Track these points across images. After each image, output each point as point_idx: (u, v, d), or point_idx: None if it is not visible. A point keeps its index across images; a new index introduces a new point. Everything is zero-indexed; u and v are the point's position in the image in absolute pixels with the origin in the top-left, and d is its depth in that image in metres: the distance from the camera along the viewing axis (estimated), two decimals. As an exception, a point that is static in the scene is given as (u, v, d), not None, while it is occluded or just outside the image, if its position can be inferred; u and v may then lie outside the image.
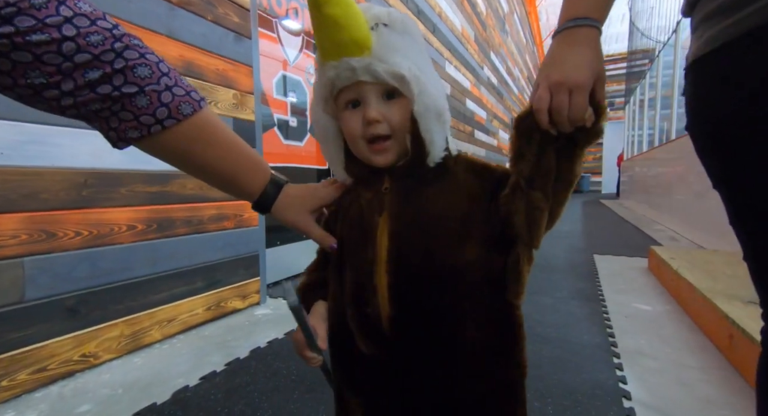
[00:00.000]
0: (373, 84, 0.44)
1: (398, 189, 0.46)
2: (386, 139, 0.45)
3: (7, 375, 0.94)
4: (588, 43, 0.43)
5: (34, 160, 0.99)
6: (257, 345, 1.29)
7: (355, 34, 0.42)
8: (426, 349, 0.44)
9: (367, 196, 0.48)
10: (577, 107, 0.40)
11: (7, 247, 0.94)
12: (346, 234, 0.49)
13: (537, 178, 0.42)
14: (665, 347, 1.28)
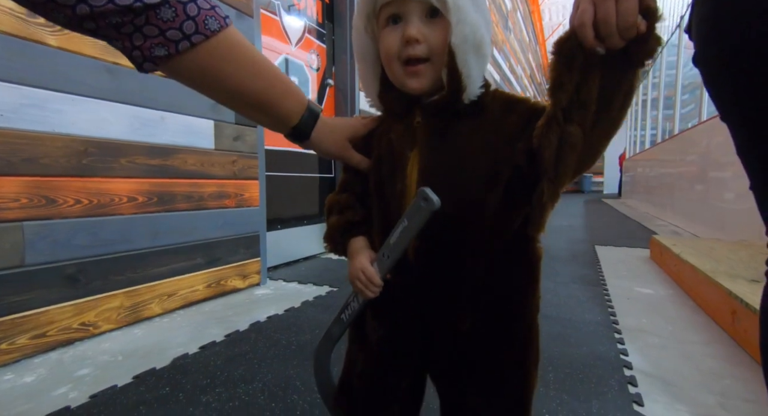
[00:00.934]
0: (417, 1, 0.42)
1: (430, 124, 0.46)
2: (423, 62, 0.44)
3: (7, 339, 0.94)
4: None
5: (35, 124, 0.98)
6: (257, 319, 1.28)
7: None
8: (446, 277, 0.45)
9: (398, 129, 0.48)
10: (627, 13, 0.35)
11: (8, 210, 0.94)
12: (377, 168, 0.49)
13: (575, 109, 0.39)
14: (668, 325, 1.28)
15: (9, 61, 0.93)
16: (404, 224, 0.44)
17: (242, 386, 0.86)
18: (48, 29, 0.99)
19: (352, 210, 0.52)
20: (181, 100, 1.34)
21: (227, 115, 1.54)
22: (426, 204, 0.41)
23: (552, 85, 0.40)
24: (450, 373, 0.49)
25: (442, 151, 0.45)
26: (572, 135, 0.39)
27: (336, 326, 0.55)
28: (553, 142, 0.39)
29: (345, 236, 0.51)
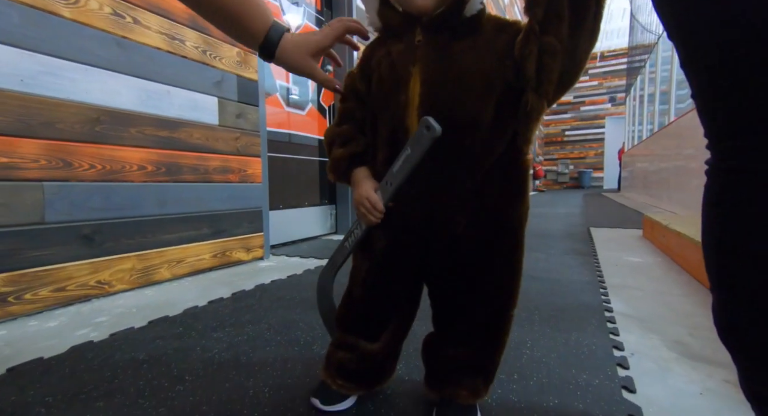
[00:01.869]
0: None
1: (431, 41, 0.48)
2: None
3: (31, 289, 1.01)
4: None
5: (51, 90, 1.05)
6: (262, 282, 1.35)
7: None
8: (444, 187, 0.50)
9: (398, 47, 0.50)
10: None
11: (29, 170, 1.01)
12: (379, 86, 0.52)
13: (549, 21, 0.42)
14: (651, 283, 1.34)
15: (27, 29, 0.99)
16: (407, 152, 0.47)
17: (249, 326, 0.93)
18: (62, 2, 1.06)
19: (354, 141, 0.54)
20: (185, 75, 1.41)
21: (230, 92, 1.60)
22: (428, 132, 0.44)
23: (527, 1, 0.44)
24: (445, 274, 0.55)
25: (442, 67, 0.48)
26: (550, 44, 0.43)
27: (339, 253, 0.59)
28: (533, 52, 0.43)
29: (350, 167, 0.54)
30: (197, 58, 1.45)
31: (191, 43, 1.42)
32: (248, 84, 1.69)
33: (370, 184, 0.52)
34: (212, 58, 1.51)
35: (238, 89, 1.64)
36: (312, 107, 2.39)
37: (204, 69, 1.48)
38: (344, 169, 0.54)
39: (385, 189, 0.50)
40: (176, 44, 1.37)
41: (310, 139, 2.39)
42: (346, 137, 0.55)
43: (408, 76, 0.48)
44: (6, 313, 0.97)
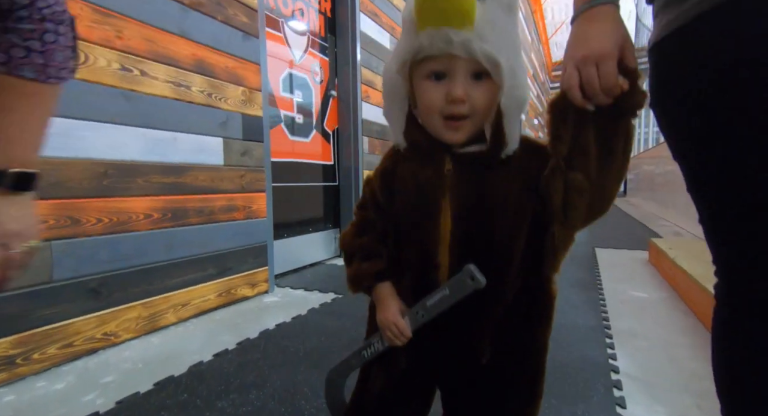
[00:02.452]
0: (465, 60, 0.42)
1: (461, 172, 0.46)
2: (464, 118, 0.44)
3: (39, 349, 1.03)
4: (606, 17, 0.43)
5: (61, 151, 1.07)
6: (266, 327, 1.36)
7: (463, 5, 0.40)
8: (472, 316, 0.48)
9: (426, 173, 0.48)
10: (607, 76, 0.40)
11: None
12: (405, 210, 0.50)
13: (575, 157, 0.42)
14: (657, 329, 1.33)
15: (37, 94, 1.01)
16: (445, 292, 0.46)
17: (254, 392, 0.93)
18: (71, 63, 1.08)
19: (378, 256, 0.52)
20: (191, 120, 1.42)
21: (235, 131, 1.62)
22: (473, 282, 0.44)
23: (551, 138, 0.44)
24: (463, 391, 0.53)
25: (474, 202, 0.46)
26: (576, 180, 0.42)
27: (355, 358, 0.58)
28: (559, 188, 0.43)
29: (373, 283, 0.52)
30: (203, 101, 1.46)
31: (197, 88, 1.44)
32: (253, 121, 1.71)
33: (396, 305, 0.50)
34: (217, 100, 1.53)
35: (243, 127, 1.65)
36: (316, 133, 2.40)
37: (209, 111, 1.49)
38: (367, 285, 0.52)
39: (415, 319, 0.49)
40: (182, 91, 1.39)
41: (315, 165, 2.40)
42: (368, 250, 0.52)
43: (438, 209, 0.47)
44: (14, 375, 0.98)
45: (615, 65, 0.41)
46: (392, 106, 0.49)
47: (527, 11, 10.77)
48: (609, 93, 0.41)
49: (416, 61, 0.45)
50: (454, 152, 0.47)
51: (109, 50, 1.16)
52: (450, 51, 0.42)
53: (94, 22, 1.12)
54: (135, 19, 1.23)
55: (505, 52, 0.42)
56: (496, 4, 0.42)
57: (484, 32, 0.41)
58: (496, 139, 0.45)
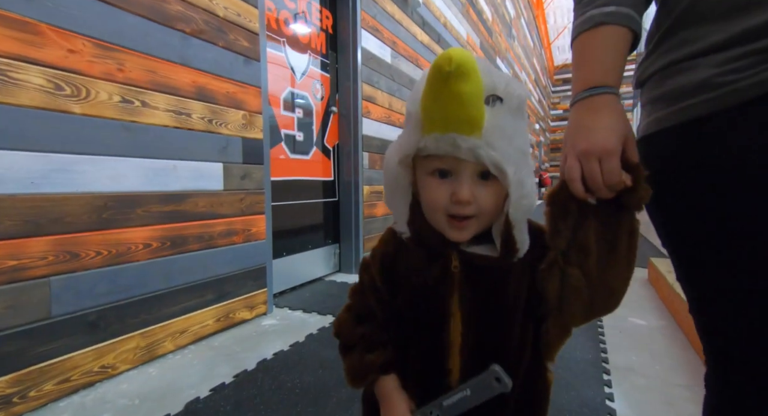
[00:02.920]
0: (472, 161, 0.41)
1: (470, 272, 0.45)
2: (469, 218, 0.43)
3: (35, 386, 1.03)
4: (608, 108, 0.43)
5: (60, 186, 1.07)
6: (264, 356, 1.36)
7: (473, 112, 0.38)
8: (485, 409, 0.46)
9: (433, 271, 0.46)
10: (611, 173, 0.40)
11: (36, 268, 1.02)
12: (410, 308, 0.48)
13: (574, 252, 0.41)
14: (655, 364, 1.33)
15: (39, 132, 1.01)
16: (466, 393, 0.44)
17: (250, 435, 0.93)
18: (73, 99, 1.08)
19: (383, 347, 0.49)
20: (191, 148, 1.42)
21: (235, 156, 1.62)
22: (499, 385, 0.42)
23: (550, 232, 0.43)
24: None
25: (484, 301, 0.45)
26: (572, 276, 0.41)
27: None
28: (555, 284, 0.42)
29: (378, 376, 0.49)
30: (203, 128, 1.47)
31: (197, 115, 1.44)
32: (253, 144, 1.71)
33: (405, 403, 0.47)
34: (218, 126, 1.53)
35: (243, 151, 1.65)
36: (316, 150, 2.40)
37: (210, 137, 1.50)
38: (372, 379, 0.49)
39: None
40: (183, 119, 1.39)
41: (315, 182, 2.40)
42: (371, 341, 0.50)
43: (448, 313, 0.45)
44: (11, 414, 0.98)
45: (618, 162, 0.40)
46: (394, 195, 0.47)
47: (529, 17, 10.77)
48: (612, 188, 0.40)
49: (420, 155, 0.44)
50: (461, 250, 0.45)
51: (111, 83, 1.17)
52: (457, 155, 0.40)
53: (95, 57, 1.13)
54: (136, 51, 1.23)
55: (514, 160, 0.40)
56: (505, 108, 0.41)
57: (492, 139, 0.40)
58: (507, 247, 0.43)
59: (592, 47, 0.47)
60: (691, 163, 0.44)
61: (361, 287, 0.53)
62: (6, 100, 0.95)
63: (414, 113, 0.43)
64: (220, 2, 1.51)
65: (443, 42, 3.92)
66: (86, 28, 1.10)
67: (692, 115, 0.43)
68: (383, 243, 0.52)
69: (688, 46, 0.44)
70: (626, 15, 0.46)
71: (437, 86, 0.37)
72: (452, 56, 0.35)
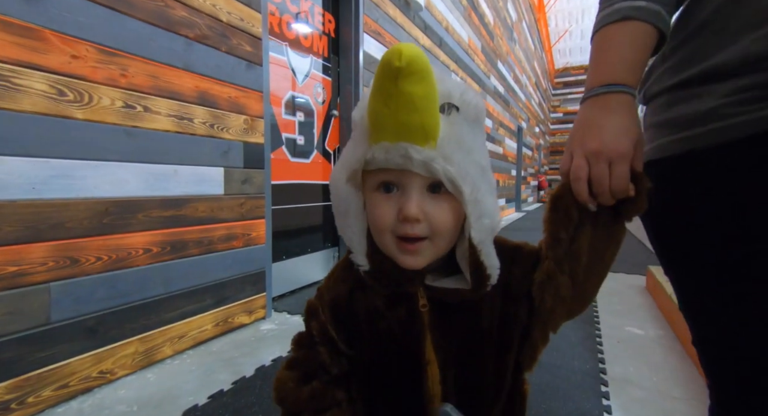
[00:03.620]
0: (419, 174, 0.36)
1: (440, 309, 0.41)
2: (421, 240, 0.37)
3: (34, 392, 1.02)
4: (624, 109, 0.40)
5: (61, 192, 1.07)
6: (262, 363, 1.36)
7: (427, 120, 0.34)
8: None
9: (398, 313, 0.41)
10: (620, 178, 0.37)
11: (37, 274, 1.02)
12: (377, 361, 0.43)
13: (567, 261, 0.39)
14: (653, 375, 1.33)
15: (40, 138, 1.01)
16: None
17: (249, 444, 0.93)
18: (76, 104, 1.08)
19: (336, 406, 0.43)
20: (192, 152, 1.42)
21: (236, 160, 1.62)
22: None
23: (550, 240, 0.41)
24: None
25: (456, 337, 0.41)
26: (563, 286, 0.40)
27: None
28: (552, 292, 0.41)
29: None
30: (204, 133, 1.47)
31: (199, 120, 1.44)
32: (254, 148, 1.71)
33: None
34: (219, 130, 1.53)
35: (244, 156, 1.65)
36: (317, 153, 2.40)
37: (211, 142, 1.50)
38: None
39: None
40: (184, 123, 1.39)
41: (315, 185, 2.40)
42: (321, 401, 0.43)
43: (423, 362, 0.41)
44: (9, 420, 0.98)
45: (629, 167, 0.38)
46: (346, 221, 0.40)
47: (531, 20, 10.79)
48: (616, 195, 0.38)
49: (366, 170, 0.39)
50: (428, 285, 0.41)
51: (113, 89, 1.16)
52: (408, 168, 0.35)
53: (99, 63, 1.12)
54: (140, 56, 1.23)
55: (471, 177, 0.36)
56: (462, 118, 0.37)
57: (448, 151, 0.35)
58: (477, 276, 0.38)
59: (615, 42, 0.43)
60: (695, 193, 0.44)
61: (307, 339, 0.46)
62: (8, 106, 0.95)
63: (360, 124, 0.39)
64: (223, 7, 1.51)
65: (445, 45, 3.93)
66: (90, 33, 1.10)
67: (698, 144, 0.43)
68: (333, 282, 0.46)
69: (697, 62, 0.42)
70: (655, 12, 0.42)
71: (386, 85, 0.32)
72: (402, 51, 0.31)
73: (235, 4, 1.56)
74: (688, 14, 0.46)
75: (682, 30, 0.46)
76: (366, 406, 0.45)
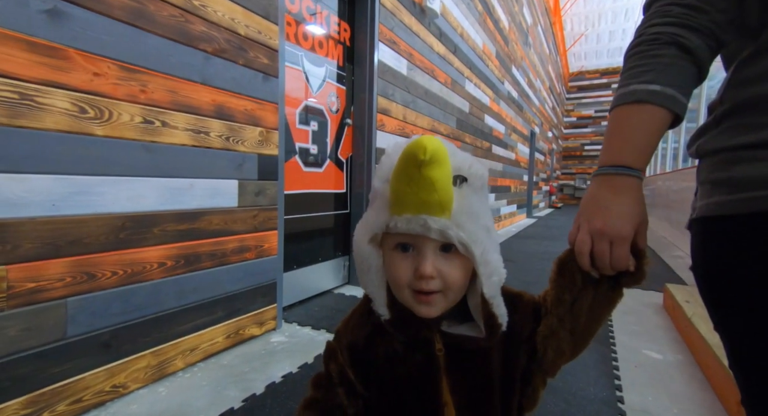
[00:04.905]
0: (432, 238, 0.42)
1: (456, 354, 0.45)
2: (435, 292, 0.43)
3: (48, 407, 1.03)
4: (631, 192, 0.44)
5: (80, 208, 1.08)
6: (272, 379, 1.35)
7: (444, 196, 0.40)
8: None
9: (415, 358, 0.45)
10: (619, 258, 0.42)
11: (54, 290, 1.03)
12: (395, 404, 0.46)
13: (568, 319, 0.45)
14: (673, 406, 1.29)
15: (62, 156, 1.02)
16: None
17: (259, 470, 0.92)
18: (96, 121, 1.09)
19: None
20: (208, 166, 1.43)
21: (250, 172, 1.62)
22: None
23: (554, 300, 0.46)
24: None
25: (470, 379, 0.45)
26: (563, 340, 0.46)
27: None
28: (552, 350, 0.46)
29: None
30: (220, 146, 1.47)
31: (215, 133, 1.44)
32: (269, 160, 1.71)
33: None
34: (235, 143, 1.53)
35: (258, 168, 1.66)
36: (330, 162, 2.40)
37: (226, 155, 1.50)
38: None
39: None
40: (201, 137, 1.39)
41: (327, 194, 2.40)
42: None
43: (441, 404, 0.44)
44: (25, 435, 0.99)
45: (629, 248, 0.43)
46: (368, 276, 0.46)
47: (546, 24, 10.67)
48: (616, 269, 0.43)
49: (386, 232, 0.44)
50: (443, 331, 0.46)
51: (133, 105, 1.17)
52: (426, 235, 0.41)
53: (120, 79, 1.13)
54: (159, 71, 1.24)
55: (480, 240, 0.42)
56: (470, 188, 0.43)
57: (460, 220, 0.41)
58: (490, 325, 0.44)
59: (627, 124, 0.47)
60: (754, 255, 0.42)
61: (326, 380, 0.49)
62: (31, 125, 0.96)
63: (381, 192, 0.44)
64: (241, 20, 1.52)
65: (459, 52, 3.90)
66: (112, 51, 1.11)
67: (759, 207, 0.41)
68: (351, 327, 0.50)
69: (755, 131, 0.42)
70: (670, 97, 0.45)
71: (411, 172, 0.39)
72: (426, 146, 0.37)
73: (252, 17, 1.57)
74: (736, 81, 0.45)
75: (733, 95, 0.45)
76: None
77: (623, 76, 0.48)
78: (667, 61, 0.45)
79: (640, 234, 0.44)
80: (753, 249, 0.42)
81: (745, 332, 0.45)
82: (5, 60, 0.91)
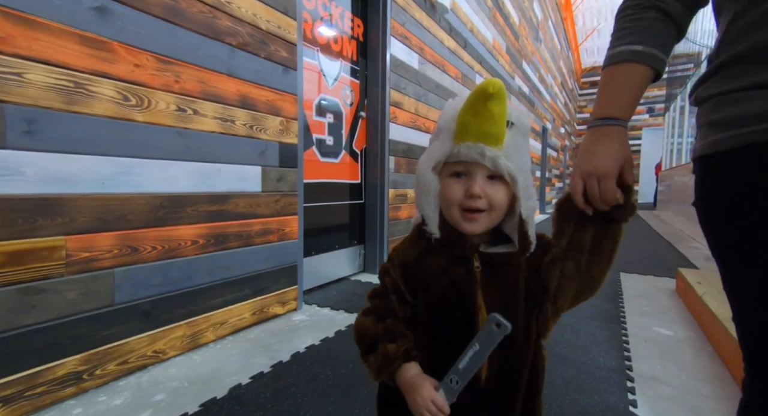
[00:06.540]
0: (483, 166, 0.50)
1: (489, 270, 0.53)
2: (480, 211, 0.51)
3: (101, 365, 1.15)
4: (614, 137, 0.52)
5: (124, 187, 1.19)
6: (297, 349, 1.45)
7: (500, 129, 0.48)
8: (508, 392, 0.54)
9: (458, 271, 0.52)
10: (607, 191, 0.50)
11: (104, 260, 1.14)
12: (438, 309, 0.53)
13: (570, 250, 0.52)
14: (681, 374, 1.33)
15: (108, 139, 1.13)
16: (475, 349, 0.47)
17: (290, 419, 1.01)
18: (137, 108, 1.20)
19: (405, 337, 0.54)
20: (234, 152, 1.53)
21: (272, 159, 1.72)
22: (499, 329, 0.46)
23: (555, 232, 0.55)
24: None
25: (504, 294, 0.52)
26: (568, 269, 0.52)
27: None
28: (556, 274, 0.53)
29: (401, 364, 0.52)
30: (245, 133, 1.57)
31: (240, 122, 1.55)
32: (289, 148, 1.81)
33: (428, 383, 0.50)
34: (258, 132, 1.63)
35: (279, 155, 1.75)
36: (345, 153, 2.49)
37: (250, 142, 1.60)
38: (396, 367, 0.52)
39: (449, 389, 0.49)
40: (227, 125, 1.50)
41: (342, 184, 2.49)
42: (394, 332, 0.54)
43: (476, 306, 0.52)
44: (80, 389, 1.10)
45: (614, 183, 0.50)
46: (426, 199, 0.53)
47: (557, 19, 10.59)
48: (607, 203, 0.50)
49: (444, 162, 0.53)
50: (481, 251, 0.53)
51: (168, 94, 1.28)
52: (480, 161, 0.50)
53: (157, 70, 1.24)
54: (190, 63, 1.34)
55: (523, 171, 0.51)
56: (518, 131, 0.52)
57: (509, 152, 0.50)
58: (523, 244, 0.52)
59: (613, 82, 0.55)
60: (744, 185, 0.47)
61: (382, 290, 0.57)
62: (84, 111, 1.07)
63: (446, 128, 0.52)
64: (263, 16, 1.62)
65: (469, 47, 3.95)
66: (150, 44, 1.22)
67: (748, 141, 0.46)
68: (403, 251, 0.58)
69: (747, 77, 0.47)
70: (651, 55, 0.52)
71: (478, 104, 0.47)
72: (495, 83, 0.46)
73: (273, 12, 1.67)
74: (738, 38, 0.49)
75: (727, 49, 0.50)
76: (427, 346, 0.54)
77: (612, 39, 0.56)
78: (647, 24, 0.52)
79: (626, 172, 0.51)
80: (744, 178, 0.48)
81: (739, 257, 0.50)
82: (62, 52, 1.03)
